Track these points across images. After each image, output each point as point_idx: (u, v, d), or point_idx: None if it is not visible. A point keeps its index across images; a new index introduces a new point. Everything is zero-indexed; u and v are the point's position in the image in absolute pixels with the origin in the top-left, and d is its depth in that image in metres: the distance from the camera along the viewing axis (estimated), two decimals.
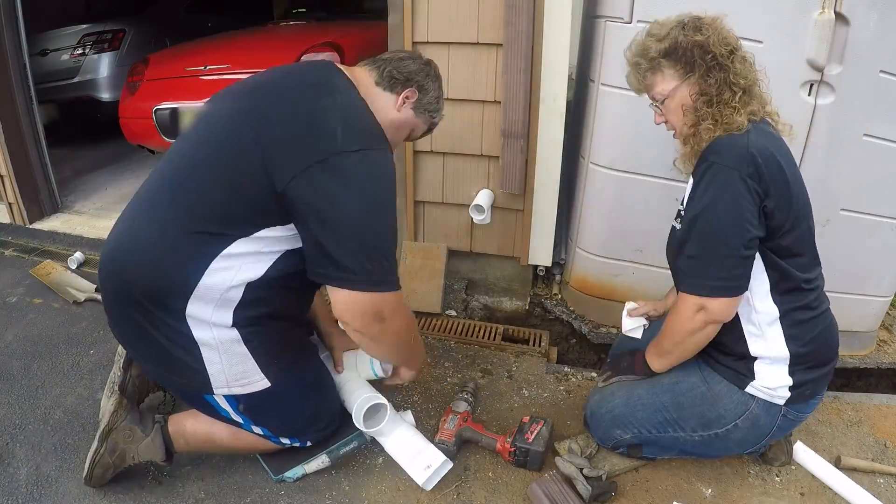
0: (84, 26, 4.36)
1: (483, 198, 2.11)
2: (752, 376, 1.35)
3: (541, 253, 2.25)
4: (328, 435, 1.55)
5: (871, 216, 1.89)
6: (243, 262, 1.24)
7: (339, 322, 1.32)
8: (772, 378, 1.34)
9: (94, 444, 1.38)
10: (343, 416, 1.57)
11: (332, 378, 1.60)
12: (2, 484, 1.49)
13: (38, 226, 3.10)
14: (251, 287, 1.27)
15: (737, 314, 1.33)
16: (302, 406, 1.46)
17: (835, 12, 1.62)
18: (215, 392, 1.34)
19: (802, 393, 1.35)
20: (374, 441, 1.65)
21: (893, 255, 1.97)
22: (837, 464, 1.57)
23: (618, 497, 1.48)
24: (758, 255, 1.26)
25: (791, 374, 1.33)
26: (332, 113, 1.23)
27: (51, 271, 2.54)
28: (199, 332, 1.27)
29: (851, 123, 1.76)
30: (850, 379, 2.09)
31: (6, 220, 3.13)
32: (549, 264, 2.30)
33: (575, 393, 1.86)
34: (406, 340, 1.43)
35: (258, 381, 1.35)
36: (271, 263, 1.27)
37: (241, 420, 1.42)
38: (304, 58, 3.04)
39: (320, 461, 1.53)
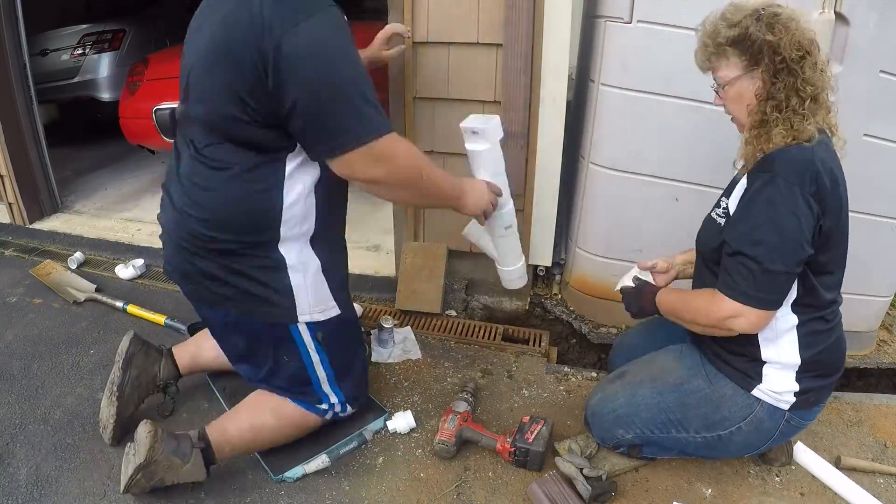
0: (84, 26, 4.36)
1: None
2: (759, 379, 1.35)
3: (541, 253, 2.25)
4: (364, 390, 1.65)
5: (871, 216, 1.89)
6: (301, 172, 1.32)
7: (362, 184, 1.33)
8: (779, 383, 1.34)
9: (130, 471, 1.34)
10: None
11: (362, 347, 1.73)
12: (2, 484, 1.49)
13: (38, 226, 3.10)
14: (319, 188, 1.35)
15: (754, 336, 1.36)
16: (356, 342, 1.61)
17: (835, 12, 1.62)
18: (300, 318, 1.40)
19: (807, 399, 1.35)
20: (374, 441, 1.65)
21: (893, 255, 1.97)
22: (837, 464, 1.57)
23: (618, 497, 1.48)
24: None
25: (798, 380, 1.33)
26: (264, 2, 1.14)
27: (51, 271, 2.54)
28: (288, 257, 1.35)
29: (851, 123, 1.75)
30: (850, 379, 2.09)
31: (6, 220, 3.13)
32: (550, 264, 2.30)
33: (575, 393, 1.86)
34: (413, 170, 1.33)
35: (332, 308, 1.45)
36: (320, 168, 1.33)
37: (316, 356, 1.47)
38: None
39: (320, 461, 1.53)
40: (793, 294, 1.27)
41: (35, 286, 2.46)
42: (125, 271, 2.54)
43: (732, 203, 1.28)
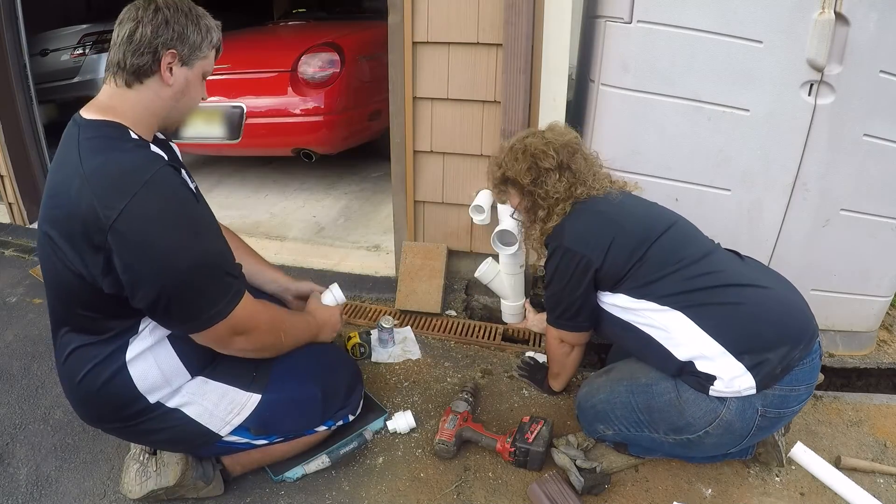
0: (84, 26, 4.37)
1: (483, 198, 2.11)
2: (709, 379, 1.33)
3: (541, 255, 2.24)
4: (356, 408, 1.57)
5: (871, 216, 1.89)
6: (152, 343, 1.25)
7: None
8: (724, 370, 1.31)
9: (151, 485, 1.35)
10: (361, 379, 1.62)
11: (335, 359, 1.56)
12: (2, 484, 1.49)
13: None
14: (181, 348, 1.27)
15: (646, 334, 1.41)
16: (307, 395, 1.43)
17: (835, 12, 1.62)
18: (221, 434, 1.36)
19: (772, 372, 1.29)
20: (374, 441, 1.65)
21: (893, 255, 1.97)
22: (837, 464, 1.57)
23: (618, 497, 1.48)
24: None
25: (740, 360, 1.30)
26: (84, 193, 1.07)
27: None
28: (173, 403, 1.30)
29: (851, 123, 1.76)
30: (850, 379, 2.09)
31: (6, 220, 3.13)
32: None
33: (575, 392, 1.85)
34: (277, 340, 1.37)
35: (248, 401, 1.36)
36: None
37: (264, 441, 1.44)
38: (303, 58, 3.04)
39: (320, 461, 1.53)
40: (624, 300, 1.44)
41: (35, 286, 2.45)
42: None
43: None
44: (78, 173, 1.09)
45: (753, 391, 1.31)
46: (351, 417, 1.58)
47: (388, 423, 1.68)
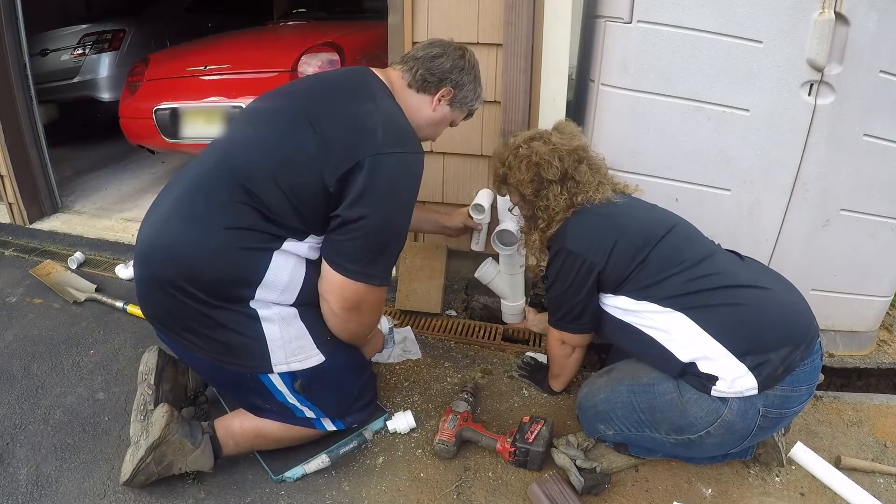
0: (84, 26, 4.37)
1: (483, 197, 2.11)
2: (711, 380, 1.33)
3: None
4: (364, 418, 1.62)
5: (871, 216, 1.89)
6: (302, 253, 1.36)
7: (320, 294, 1.42)
8: (726, 371, 1.31)
9: (141, 453, 1.35)
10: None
11: (370, 365, 1.72)
12: (2, 484, 1.49)
13: (38, 226, 3.10)
14: (310, 273, 1.38)
15: (648, 336, 1.41)
16: (349, 383, 1.54)
17: (835, 12, 1.62)
18: (275, 368, 1.37)
19: (773, 373, 1.30)
20: (374, 441, 1.65)
21: (893, 255, 1.97)
22: (837, 464, 1.57)
23: (618, 497, 1.48)
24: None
25: (742, 360, 1.30)
26: (373, 117, 1.32)
27: (51, 271, 2.54)
28: (263, 311, 1.34)
29: (851, 123, 1.76)
30: (850, 379, 2.09)
31: (6, 220, 3.13)
32: None
33: (575, 393, 1.85)
34: (365, 334, 1.58)
35: (314, 356, 1.41)
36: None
37: (295, 400, 1.44)
38: (303, 58, 3.04)
39: (320, 461, 1.53)
40: (626, 302, 1.44)
41: (35, 286, 2.46)
42: (125, 271, 2.54)
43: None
44: (375, 106, 1.36)
45: (755, 391, 1.31)
46: (355, 425, 1.60)
47: (388, 423, 1.68)
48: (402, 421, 1.67)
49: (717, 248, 1.50)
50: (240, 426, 1.48)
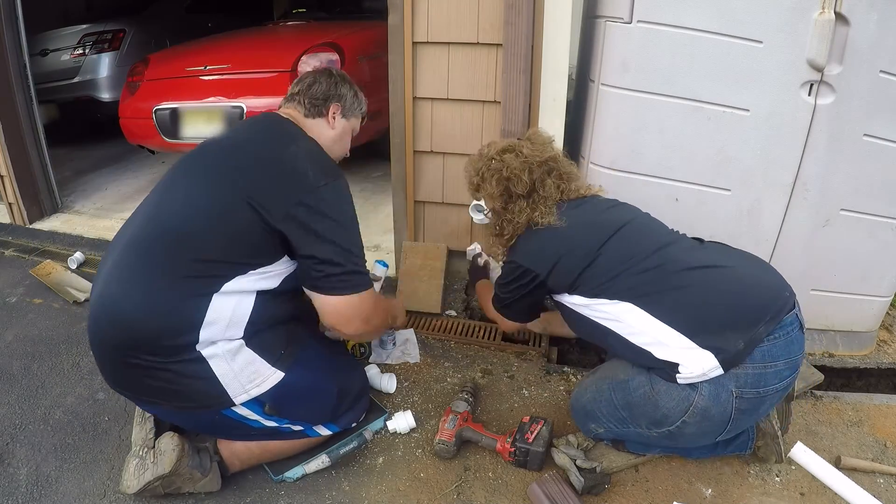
0: (84, 26, 4.37)
1: None
2: (672, 367, 1.33)
3: None
4: (360, 414, 1.62)
5: (871, 216, 1.89)
6: (246, 289, 1.35)
7: (328, 329, 1.53)
8: (682, 354, 1.31)
9: (148, 477, 1.35)
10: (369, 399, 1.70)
11: (350, 361, 1.77)
12: (2, 484, 1.49)
13: (38, 226, 3.10)
14: (259, 304, 1.37)
15: (605, 327, 1.45)
16: (322, 389, 1.51)
17: (835, 12, 1.62)
18: (235, 401, 1.36)
19: (734, 349, 1.28)
20: (374, 441, 1.65)
21: (893, 255, 1.97)
22: (837, 464, 1.57)
23: (618, 497, 1.48)
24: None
25: (696, 341, 1.30)
26: (300, 157, 1.42)
27: (51, 271, 2.54)
28: (207, 351, 1.32)
29: (851, 123, 1.76)
30: (850, 379, 2.09)
31: (6, 220, 3.13)
32: None
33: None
34: (386, 326, 1.73)
35: (271, 376, 1.39)
36: (278, 283, 1.40)
37: (274, 423, 1.44)
38: (303, 58, 3.04)
39: (320, 461, 1.53)
40: (579, 299, 1.48)
41: (35, 286, 2.46)
42: None
43: None
44: (298, 147, 1.47)
45: (720, 371, 1.30)
46: (354, 424, 1.61)
47: (388, 423, 1.68)
48: (402, 421, 1.67)
49: (675, 239, 1.51)
50: (244, 446, 1.49)
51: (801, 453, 1.57)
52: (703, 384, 1.32)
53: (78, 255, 2.67)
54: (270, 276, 1.38)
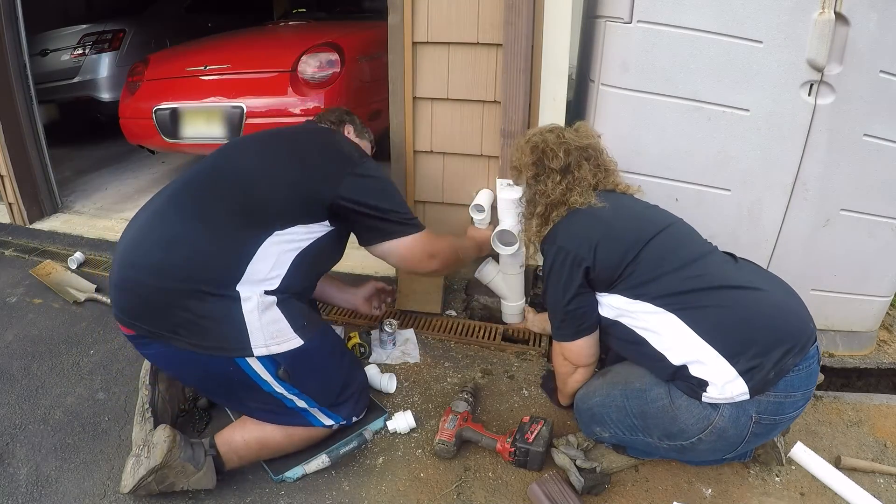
0: (84, 26, 4.37)
1: (483, 197, 2.11)
2: (701, 385, 1.32)
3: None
4: (360, 410, 1.64)
5: (871, 216, 1.89)
6: (292, 239, 1.49)
7: (405, 271, 1.82)
8: (717, 375, 1.30)
9: (141, 472, 1.34)
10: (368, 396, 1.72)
11: (355, 358, 1.81)
12: (2, 484, 1.49)
13: (38, 226, 3.10)
14: (298, 258, 1.50)
15: (640, 337, 1.41)
16: (334, 367, 1.57)
17: (835, 12, 1.62)
18: (255, 351, 1.39)
19: (765, 377, 1.28)
20: (374, 441, 1.65)
21: (893, 255, 1.97)
22: (837, 464, 1.57)
23: (618, 497, 1.48)
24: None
25: (733, 364, 1.28)
26: (342, 143, 1.71)
27: (51, 271, 2.54)
28: (245, 294, 1.40)
29: (851, 123, 1.76)
30: (850, 379, 2.09)
31: (6, 220, 3.13)
32: None
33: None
34: (457, 258, 1.84)
35: (292, 339, 1.44)
36: (310, 243, 1.53)
37: (282, 389, 1.45)
38: (303, 58, 3.04)
39: (320, 461, 1.53)
40: (619, 301, 1.45)
41: (35, 286, 2.46)
42: None
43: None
44: (339, 137, 1.79)
45: (747, 397, 1.29)
46: (354, 419, 1.60)
47: (388, 423, 1.69)
48: (402, 421, 1.67)
49: (711, 250, 1.49)
50: (242, 439, 1.48)
51: (801, 453, 1.57)
52: (726, 406, 1.31)
53: (78, 255, 2.67)
54: (309, 234, 1.53)
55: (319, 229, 1.55)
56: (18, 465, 1.56)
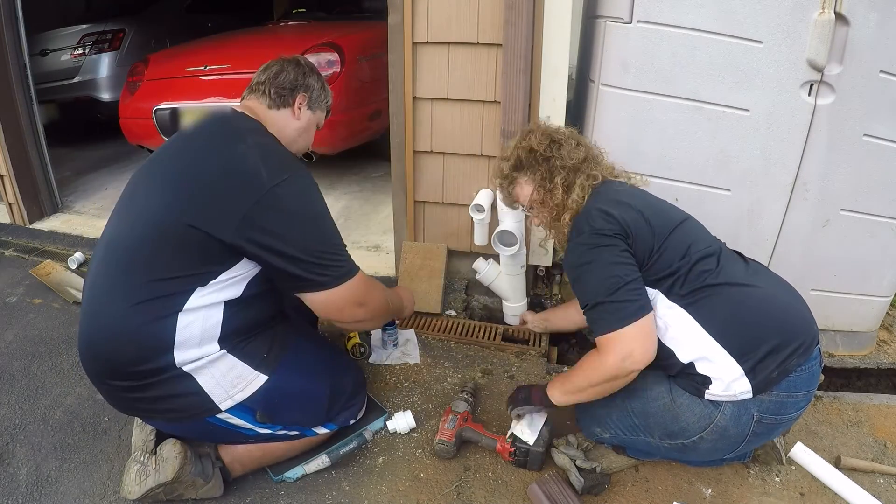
0: (84, 26, 4.37)
1: (483, 197, 2.11)
2: (705, 382, 1.32)
3: (541, 253, 2.24)
4: (357, 412, 1.61)
5: (871, 216, 1.89)
6: (210, 302, 1.29)
7: (325, 321, 1.49)
8: (723, 372, 1.29)
9: (150, 483, 1.34)
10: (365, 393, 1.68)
11: (343, 360, 1.68)
12: (2, 484, 1.49)
13: (38, 226, 3.10)
14: (228, 314, 1.32)
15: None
16: (312, 390, 1.48)
17: (835, 12, 1.62)
18: (221, 407, 1.34)
19: (769, 376, 1.28)
20: (374, 441, 1.65)
21: (893, 255, 1.97)
22: (837, 464, 1.57)
23: (618, 497, 1.48)
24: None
25: (740, 362, 1.28)
26: (249, 156, 1.30)
27: (51, 271, 2.54)
28: (189, 367, 1.30)
29: (851, 123, 1.76)
30: (850, 379, 2.09)
31: (6, 220, 3.13)
32: (550, 264, 2.30)
33: None
34: (387, 308, 1.57)
35: (255, 380, 1.37)
36: (242, 289, 1.33)
37: (268, 430, 1.43)
38: (305, 56, 3.04)
39: (320, 461, 1.53)
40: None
41: (35, 286, 2.46)
42: None
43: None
44: (248, 144, 1.35)
45: (749, 395, 1.30)
46: (352, 421, 1.60)
47: (388, 423, 1.68)
48: (402, 421, 1.67)
49: (720, 246, 1.48)
50: (245, 449, 1.48)
51: (801, 453, 1.57)
52: (727, 404, 1.31)
53: (78, 255, 2.67)
54: (232, 282, 1.31)
55: (243, 271, 1.31)
56: (18, 465, 1.56)
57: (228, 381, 1.33)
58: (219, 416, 1.36)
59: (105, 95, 4.32)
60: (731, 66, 1.75)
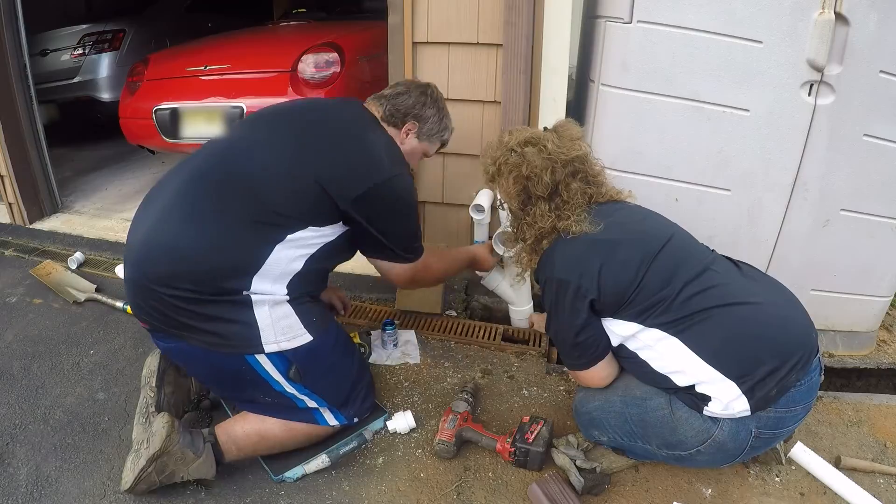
0: (84, 26, 4.37)
1: (483, 197, 2.10)
2: (704, 399, 1.31)
3: None
4: (366, 410, 1.64)
5: (871, 216, 1.89)
6: (304, 243, 1.45)
7: (390, 282, 1.73)
8: (721, 393, 1.28)
9: (142, 462, 1.34)
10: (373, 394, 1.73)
11: (362, 357, 1.81)
12: (2, 484, 1.49)
13: (38, 226, 3.10)
14: (304, 269, 1.46)
15: (643, 360, 1.38)
16: (344, 364, 1.59)
17: (835, 12, 1.62)
18: (265, 348, 1.39)
19: (767, 395, 1.27)
20: (374, 441, 1.65)
21: (893, 255, 1.97)
22: (837, 464, 1.57)
23: (618, 497, 1.48)
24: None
25: (738, 384, 1.27)
26: (379, 144, 1.55)
27: (51, 271, 2.54)
28: (256, 297, 1.39)
29: (851, 123, 1.76)
30: (850, 379, 2.09)
31: (6, 220, 3.13)
32: None
33: (575, 393, 1.85)
34: (442, 274, 1.83)
35: (302, 335, 1.45)
36: (321, 246, 1.50)
37: (293, 390, 1.46)
38: (303, 58, 3.04)
39: (320, 461, 1.53)
40: (622, 326, 1.38)
41: (35, 286, 2.46)
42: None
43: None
44: (377, 134, 1.61)
45: (748, 413, 1.29)
46: (356, 420, 1.61)
47: (388, 423, 1.68)
48: (402, 421, 1.67)
49: (713, 259, 1.43)
50: (242, 430, 1.48)
51: (801, 453, 1.57)
52: (726, 420, 1.31)
53: (78, 255, 2.67)
54: (322, 237, 1.48)
55: (332, 232, 1.51)
56: (18, 465, 1.55)
57: (281, 327, 1.42)
58: (258, 356, 1.40)
59: (105, 95, 4.32)
60: (731, 66, 1.75)
